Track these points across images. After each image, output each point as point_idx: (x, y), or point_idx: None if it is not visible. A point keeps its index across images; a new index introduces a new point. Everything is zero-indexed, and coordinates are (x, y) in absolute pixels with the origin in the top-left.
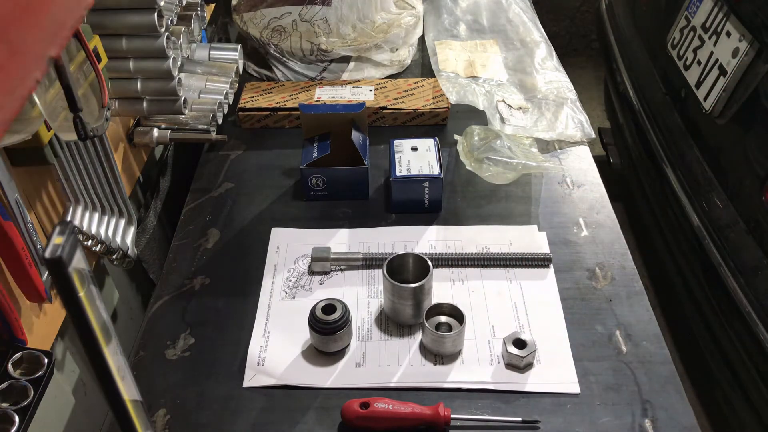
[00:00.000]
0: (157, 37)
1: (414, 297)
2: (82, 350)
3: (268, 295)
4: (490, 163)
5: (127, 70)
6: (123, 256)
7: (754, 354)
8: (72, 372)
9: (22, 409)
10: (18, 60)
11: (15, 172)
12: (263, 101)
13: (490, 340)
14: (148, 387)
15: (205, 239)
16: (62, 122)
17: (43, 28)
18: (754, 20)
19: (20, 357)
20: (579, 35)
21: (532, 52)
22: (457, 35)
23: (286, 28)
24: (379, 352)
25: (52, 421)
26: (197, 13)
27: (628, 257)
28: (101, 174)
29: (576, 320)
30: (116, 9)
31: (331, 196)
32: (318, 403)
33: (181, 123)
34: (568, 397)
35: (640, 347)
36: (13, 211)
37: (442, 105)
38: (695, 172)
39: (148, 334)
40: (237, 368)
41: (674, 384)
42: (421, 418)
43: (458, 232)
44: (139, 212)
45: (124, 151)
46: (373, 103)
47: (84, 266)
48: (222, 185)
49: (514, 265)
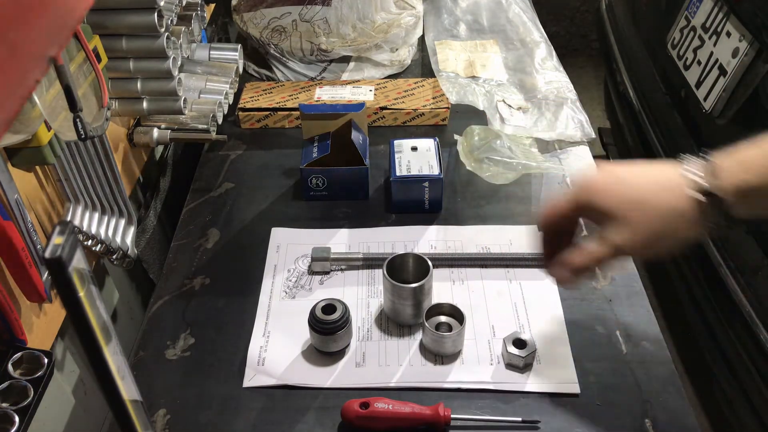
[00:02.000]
0: (157, 37)
1: (414, 297)
2: (82, 350)
3: (268, 295)
4: (490, 163)
5: (127, 70)
6: (123, 256)
7: (754, 354)
8: (72, 372)
9: (22, 409)
10: (18, 60)
11: (15, 172)
12: (263, 101)
13: (490, 340)
14: (148, 387)
15: (205, 239)
16: (62, 122)
17: (43, 28)
18: (754, 20)
19: (20, 357)
20: (579, 35)
21: (532, 52)
22: (457, 35)
23: (286, 28)
24: (379, 352)
25: (52, 421)
26: (197, 13)
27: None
28: (101, 174)
29: (576, 320)
30: (116, 9)
31: (331, 196)
32: (318, 403)
33: (181, 123)
34: (568, 397)
35: (640, 347)
36: (13, 211)
37: (442, 105)
38: None
39: (148, 334)
40: (237, 368)
41: (674, 384)
42: (421, 418)
43: (458, 232)
44: (139, 212)
45: (124, 151)
46: (373, 103)
47: (84, 266)
48: (222, 185)
49: (514, 265)
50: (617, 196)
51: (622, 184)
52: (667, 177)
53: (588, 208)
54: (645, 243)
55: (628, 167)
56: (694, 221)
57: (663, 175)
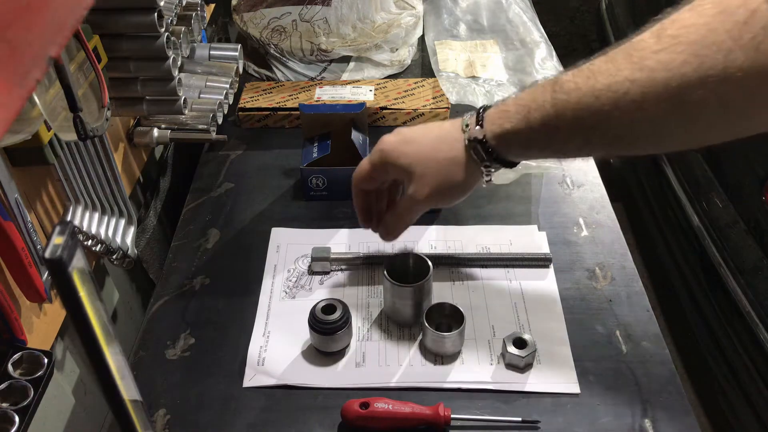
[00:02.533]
0: (157, 38)
1: (414, 297)
2: (82, 350)
3: (268, 295)
4: None
5: (127, 70)
6: (123, 256)
7: (754, 354)
8: (72, 372)
9: (22, 409)
10: (18, 60)
11: (15, 172)
12: (263, 101)
13: (490, 340)
14: (148, 387)
15: (205, 239)
16: (62, 122)
17: (43, 28)
18: None
19: (20, 357)
20: (579, 35)
21: (532, 52)
22: (457, 35)
23: (286, 28)
24: (379, 352)
25: (52, 421)
26: (197, 13)
27: (628, 257)
28: (101, 174)
29: (576, 320)
30: (116, 9)
31: (331, 196)
32: (318, 403)
33: (181, 123)
34: (568, 397)
35: (640, 347)
36: (13, 211)
37: (442, 105)
38: (695, 172)
39: (148, 334)
40: (237, 368)
41: (674, 384)
42: (421, 418)
43: (458, 232)
44: (139, 212)
45: (124, 151)
46: (373, 103)
47: (84, 266)
48: (222, 185)
49: (514, 265)
50: (406, 155)
51: (410, 144)
52: (447, 131)
53: (385, 169)
54: (433, 192)
55: (416, 127)
56: (471, 166)
57: (443, 130)
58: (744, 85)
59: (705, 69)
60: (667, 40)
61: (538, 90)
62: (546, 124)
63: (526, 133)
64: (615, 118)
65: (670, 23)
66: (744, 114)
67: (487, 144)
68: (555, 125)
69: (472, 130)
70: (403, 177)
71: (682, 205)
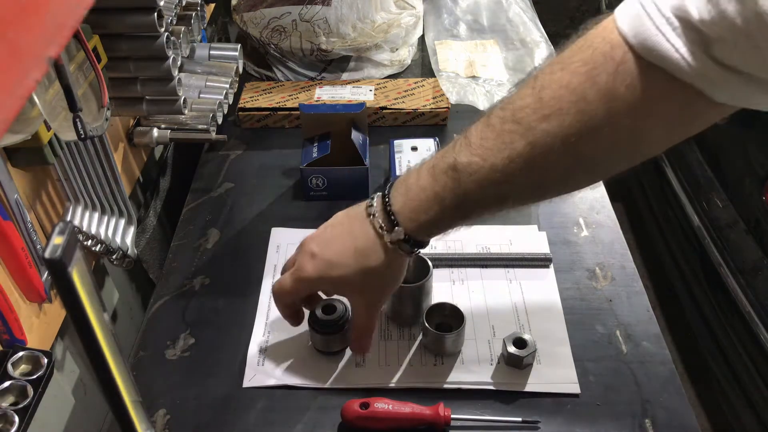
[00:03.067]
0: (157, 38)
1: (414, 297)
2: (82, 350)
3: (268, 295)
4: None
5: (126, 70)
6: (123, 256)
7: (754, 354)
8: (72, 372)
9: (22, 409)
10: (18, 60)
11: (15, 172)
12: (263, 101)
13: (490, 340)
14: (148, 387)
15: (205, 239)
16: (62, 122)
17: (43, 28)
18: None
19: (20, 357)
20: None
21: (532, 52)
22: (457, 35)
23: (286, 28)
24: (379, 352)
25: (52, 421)
26: (197, 13)
27: (628, 257)
28: (101, 174)
29: (576, 320)
30: (116, 9)
31: (331, 196)
32: (318, 403)
33: (181, 123)
34: (568, 398)
35: (640, 347)
36: (13, 211)
37: (442, 105)
38: (695, 172)
39: (148, 334)
40: (237, 368)
41: (674, 384)
42: (421, 418)
43: (458, 232)
44: (139, 212)
45: (124, 151)
46: (373, 103)
47: (84, 266)
48: (222, 185)
49: (514, 265)
50: (330, 282)
51: (334, 268)
52: (363, 242)
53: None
54: (383, 297)
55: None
56: (399, 261)
57: (358, 241)
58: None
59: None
60: (551, 103)
61: (439, 174)
62: (459, 206)
63: (444, 218)
64: (520, 183)
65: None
66: (636, 145)
67: (411, 239)
68: (468, 205)
69: (392, 232)
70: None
71: (682, 205)
